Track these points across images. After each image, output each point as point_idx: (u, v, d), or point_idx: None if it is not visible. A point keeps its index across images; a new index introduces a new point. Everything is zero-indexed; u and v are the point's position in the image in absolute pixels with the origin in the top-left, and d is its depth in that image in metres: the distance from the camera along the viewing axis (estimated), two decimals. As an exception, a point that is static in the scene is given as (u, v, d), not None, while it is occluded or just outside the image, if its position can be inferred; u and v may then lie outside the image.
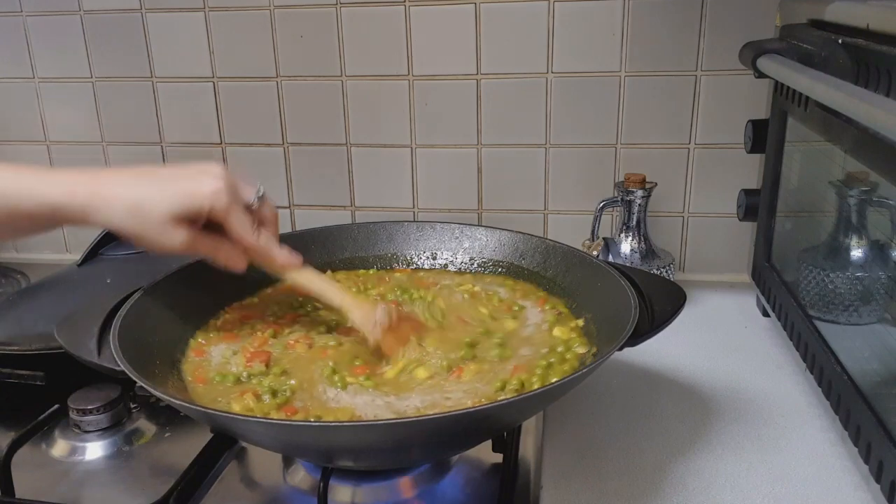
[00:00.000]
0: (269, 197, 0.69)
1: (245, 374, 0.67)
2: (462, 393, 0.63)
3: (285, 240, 0.70)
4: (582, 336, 0.71)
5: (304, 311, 0.79)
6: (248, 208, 0.66)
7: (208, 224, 0.64)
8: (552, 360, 0.66)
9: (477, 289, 0.82)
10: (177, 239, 0.61)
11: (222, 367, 0.69)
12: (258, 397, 0.63)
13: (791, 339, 0.78)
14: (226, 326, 0.76)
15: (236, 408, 0.62)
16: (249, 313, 0.78)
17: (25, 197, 0.59)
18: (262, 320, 0.76)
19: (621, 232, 0.98)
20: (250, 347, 0.71)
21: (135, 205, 0.60)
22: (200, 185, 0.61)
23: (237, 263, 0.67)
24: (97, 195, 0.60)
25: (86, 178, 0.61)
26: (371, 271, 0.88)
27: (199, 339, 0.73)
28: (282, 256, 0.68)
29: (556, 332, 0.72)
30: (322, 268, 0.85)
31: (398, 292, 0.81)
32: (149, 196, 0.60)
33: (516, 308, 0.77)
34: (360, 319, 0.70)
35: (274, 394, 0.64)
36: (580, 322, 0.73)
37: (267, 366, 0.68)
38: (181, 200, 0.61)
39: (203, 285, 0.76)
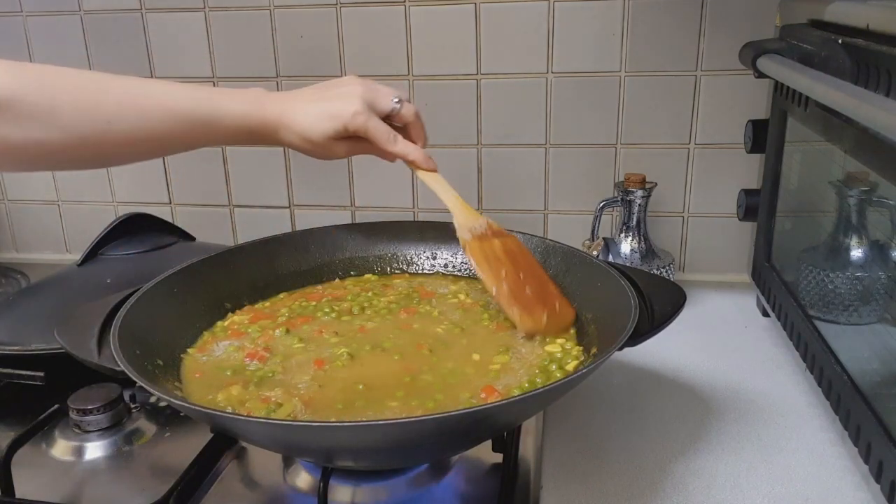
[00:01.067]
0: (406, 99, 0.74)
1: (242, 366, 0.68)
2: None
3: (286, 240, 0.70)
4: (577, 344, 0.70)
5: (322, 313, 0.78)
6: (389, 116, 0.73)
7: None
8: (538, 380, 0.65)
9: (469, 300, 0.80)
10: (339, 152, 0.73)
11: (222, 362, 0.69)
12: (245, 388, 0.64)
13: (791, 339, 0.78)
14: (232, 326, 0.76)
15: (220, 397, 0.63)
16: (260, 314, 0.78)
17: (224, 115, 0.67)
18: (274, 321, 0.76)
19: (621, 232, 0.98)
20: (250, 345, 0.71)
21: (303, 131, 0.70)
22: (341, 109, 0.70)
23: (389, 158, 0.76)
24: (285, 115, 0.69)
25: (271, 99, 0.70)
26: (373, 277, 0.87)
27: (205, 338, 0.74)
28: (417, 159, 0.76)
29: (549, 347, 0.70)
30: (322, 268, 0.85)
31: (403, 302, 0.80)
32: (309, 125, 0.70)
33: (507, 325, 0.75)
34: (460, 222, 0.78)
35: (260, 384, 0.64)
36: (572, 331, 0.72)
37: (264, 362, 0.69)
38: (332, 126, 0.70)
39: (204, 285, 0.77)
